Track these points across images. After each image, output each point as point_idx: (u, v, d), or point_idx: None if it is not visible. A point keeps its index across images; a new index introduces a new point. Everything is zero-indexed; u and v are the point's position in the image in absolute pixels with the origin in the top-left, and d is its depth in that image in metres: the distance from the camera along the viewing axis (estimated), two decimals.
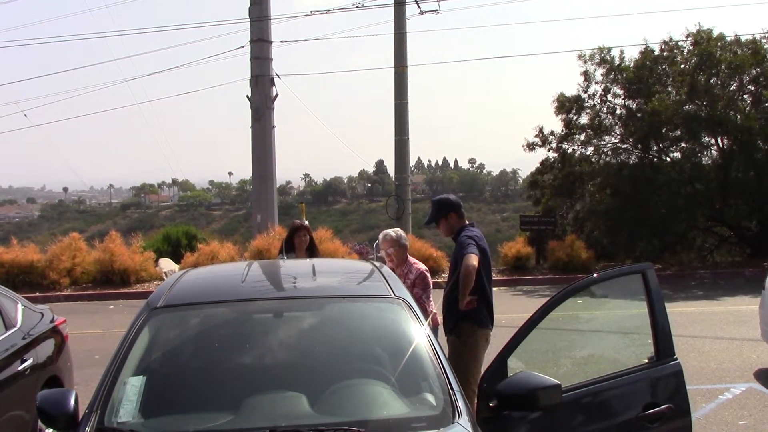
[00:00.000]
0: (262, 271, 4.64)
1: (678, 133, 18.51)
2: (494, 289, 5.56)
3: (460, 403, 2.99)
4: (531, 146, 20.16)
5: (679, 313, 11.38)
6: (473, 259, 5.04)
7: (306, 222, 7.93)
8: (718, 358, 8.63)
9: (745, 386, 7.36)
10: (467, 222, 5.56)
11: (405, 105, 22.58)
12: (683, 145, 18.90)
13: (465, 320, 5.22)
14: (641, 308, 3.79)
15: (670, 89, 18.76)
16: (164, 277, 15.61)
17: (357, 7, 22.80)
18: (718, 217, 19.17)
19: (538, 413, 3.30)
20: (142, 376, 3.18)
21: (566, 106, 19.59)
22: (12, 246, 16.26)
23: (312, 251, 7.51)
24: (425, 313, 5.01)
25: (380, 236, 6.17)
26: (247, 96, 19.93)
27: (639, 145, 19.11)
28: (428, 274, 6.01)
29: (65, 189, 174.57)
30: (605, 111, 19.52)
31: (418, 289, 5.75)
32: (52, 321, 6.18)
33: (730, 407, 6.73)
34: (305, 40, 29.22)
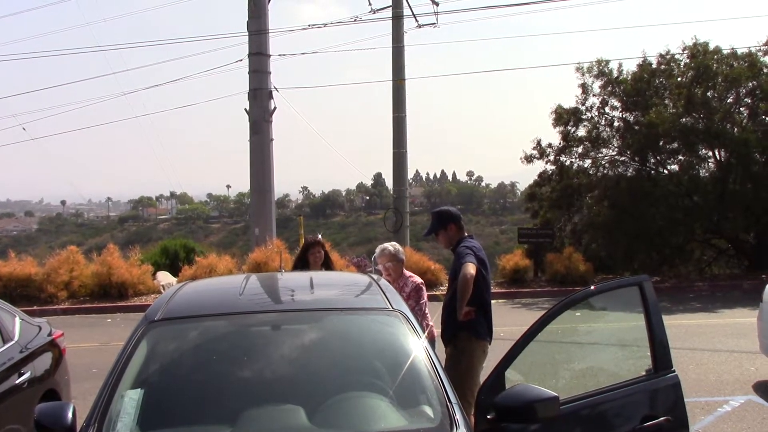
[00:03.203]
0: (260, 284, 4.64)
1: (675, 145, 18.59)
2: (492, 301, 5.57)
3: (458, 416, 2.99)
4: (529, 159, 20.22)
5: (678, 325, 11.38)
6: (471, 268, 5.06)
7: (320, 237, 7.42)
8: (717, 370, 8.62)
9: (744, 399, 7.36)
10: (466, 234, 5.60)
11: (403, 118, 22.68)
12: (680, 157, 18.98)
13: (462, 330, 5.23)
14: (640, 320, 3.79)
15: (667, 102, 18.84)
16: (162, 290, 15.59)
17: (354, 20, 22.96)
18: (716, 230, 19.20)
19: (536, 426, 3.30)
20: (139, 389, 3.17)
21: (564, 118, 19.66)
22: (10, 259, 16.27)
23: (328, 267, 7.05)
24: (422, 325, 5.02)
25: (377, 250, 6.19)
26: (246, 109, 19.96)
27: (636, 158, 19.16)
28: (423, 287, 6.05)
29: (63, 202, 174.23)
30: (603, 123, 19.60)
31: (412, 301, 5.78)
32: (49, 334, 6.18)
33: (729, 420, 6.72)
34: (303, 53, 29.35)
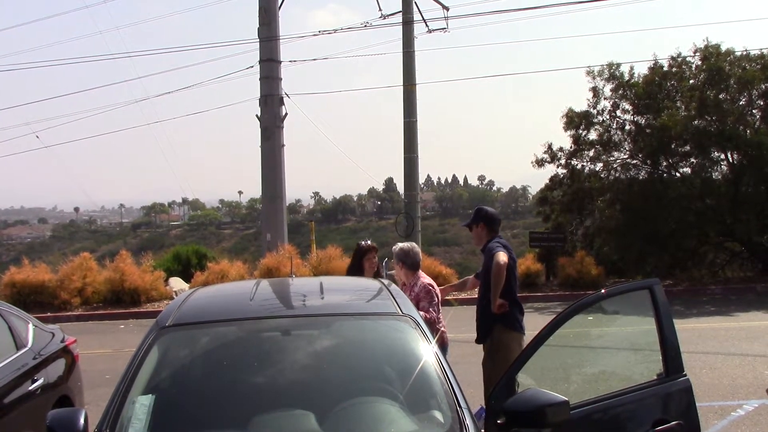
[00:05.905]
0: (270, 290, 4.65)
1: (687, 148, 18.45)
2: None
3: (468, 421, 2.99)
4: (540, 162, 20.13)
5: (691, 329, 11.31)
6: (503, 256, 5.42)
7: (371, 242, 6.94)
8: (731, 374, 8.56)
9: (758, 403, 7.30)
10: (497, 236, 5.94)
11: (414, 123, 22.65)
12: (693, 160, 18.83)
13: (496, 323, 5.42)
14: (652, 324, 3.78)
15: (679, 105, 18.73)
16: (174, 296, 15.63)
17: (365, 26, 23.01)
18: (729, 233, 19.04)
19: (546, 430, 3.29)
20: (151, 395, 3.19)
21: (575, 121, 19.58)
22: (23, 266, 16.36)
23: (378, 274, 6.71)
24: (434, 330, 5.01)
25: (395, 248, 6.19)
26: (257, 115, 20.02)
27: (648, 161, 19.06)
28: (432, 288, 5.86)
29: (76, 209, 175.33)
30: (614, 127, 19.49)
31: (424, 302, 5.72)
32: (62, 341, 6.22)
33: (743, 424, 6.67)
34: (314, 59, 29.52)
